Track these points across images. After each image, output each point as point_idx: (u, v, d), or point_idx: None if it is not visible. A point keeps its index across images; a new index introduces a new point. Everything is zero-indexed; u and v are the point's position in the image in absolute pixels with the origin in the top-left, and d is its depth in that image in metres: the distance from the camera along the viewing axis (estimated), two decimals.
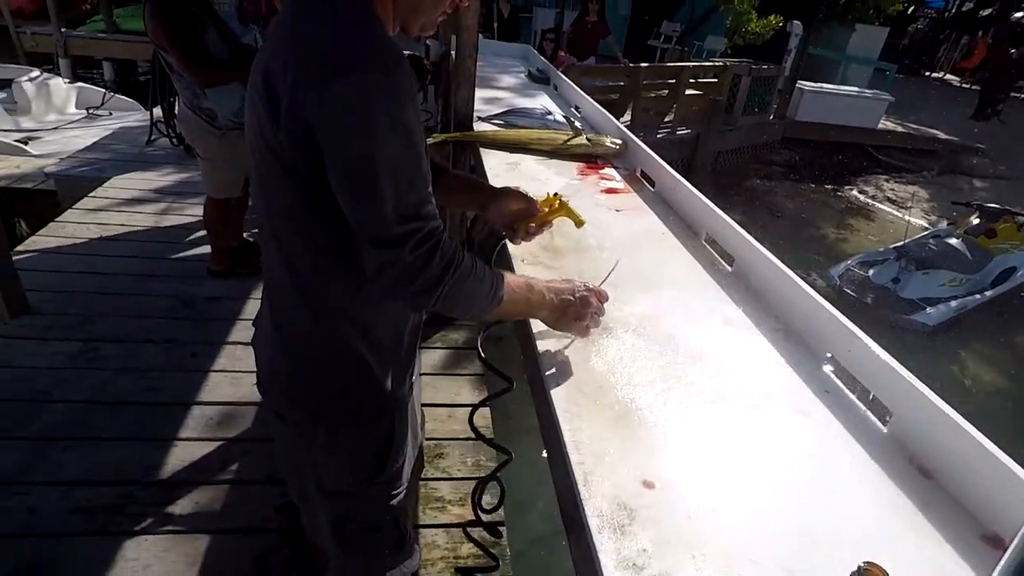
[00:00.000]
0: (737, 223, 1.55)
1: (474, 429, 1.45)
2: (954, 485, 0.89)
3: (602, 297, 1.10)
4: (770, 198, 9.13)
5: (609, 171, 2.22)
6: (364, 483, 1.11)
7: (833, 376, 1.14)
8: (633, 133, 2.38)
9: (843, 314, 1.16)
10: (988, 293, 5.91)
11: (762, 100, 9.12)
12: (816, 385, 1.11)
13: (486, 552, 1.86)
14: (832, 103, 10.24)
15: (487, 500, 1.62)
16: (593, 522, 0.78)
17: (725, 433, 0.97)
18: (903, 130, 11.66)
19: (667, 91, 7.61)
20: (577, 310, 1.05)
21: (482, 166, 2.14)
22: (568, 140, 2.32)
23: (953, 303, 5.68)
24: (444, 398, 2.73)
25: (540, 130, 2.42)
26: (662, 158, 2.05)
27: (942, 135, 11.97)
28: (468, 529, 2.06)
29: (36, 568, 1.81)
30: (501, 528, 1.99)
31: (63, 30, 9.32)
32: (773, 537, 0.79)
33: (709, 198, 1.71)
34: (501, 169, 2.10)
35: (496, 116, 2.68)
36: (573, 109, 3.12)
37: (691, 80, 7.72)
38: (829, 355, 1.17)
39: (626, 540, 0.76)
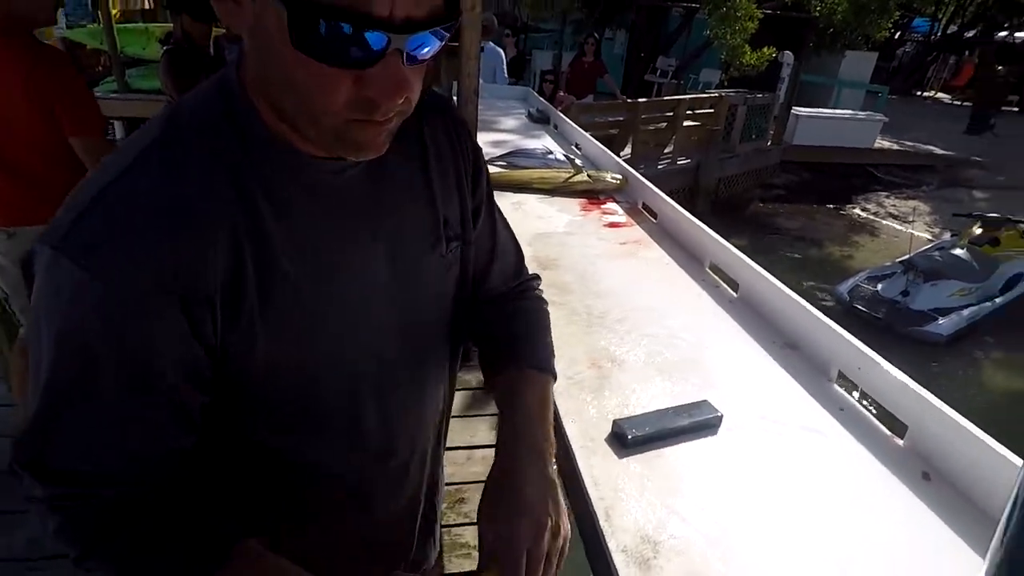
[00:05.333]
0: (742, 247, 1.59)
1: None
2: (967, 489, 0.91)
3: None
4: (773, 220, 9.19)
5: (611, 206, 2.26)
6: None
7: (845, 394, 1.16)
8: (634, 166, 2.44)
9: (857, 331, 1.18)
10: (999, 300, 5.89)
11: (759, 127, 9.28)
12: (829, 404, 1.12)
13: None
14: (826, 126, 10.44)
15: None
16: (618, 558, 0.79)
17: (743, 458, 0.98)
18: (899, 148, 11.77)
19: (665, 123, 7.74)
20: None
21: None
22: (569, 178, 2.38)
23: (965, 312, 5.65)
24: (461, 440, 2.71)
25: (542, 169, 2.48)
26: (664, 188, 2.10)
27: (938, 150, 12.07)
28: None
29: None
30: None
31: None
32: (798, 557, 0.80)
33: (713, 224, 1.75)
34: (505, 211, 2.13)
35: (499, 158, 2.75)
36: (573, 147, 3.19)
37: (688, 112, 7.86)
38: (839, 373, 1.19)
39: (652, 574, 0.77)
